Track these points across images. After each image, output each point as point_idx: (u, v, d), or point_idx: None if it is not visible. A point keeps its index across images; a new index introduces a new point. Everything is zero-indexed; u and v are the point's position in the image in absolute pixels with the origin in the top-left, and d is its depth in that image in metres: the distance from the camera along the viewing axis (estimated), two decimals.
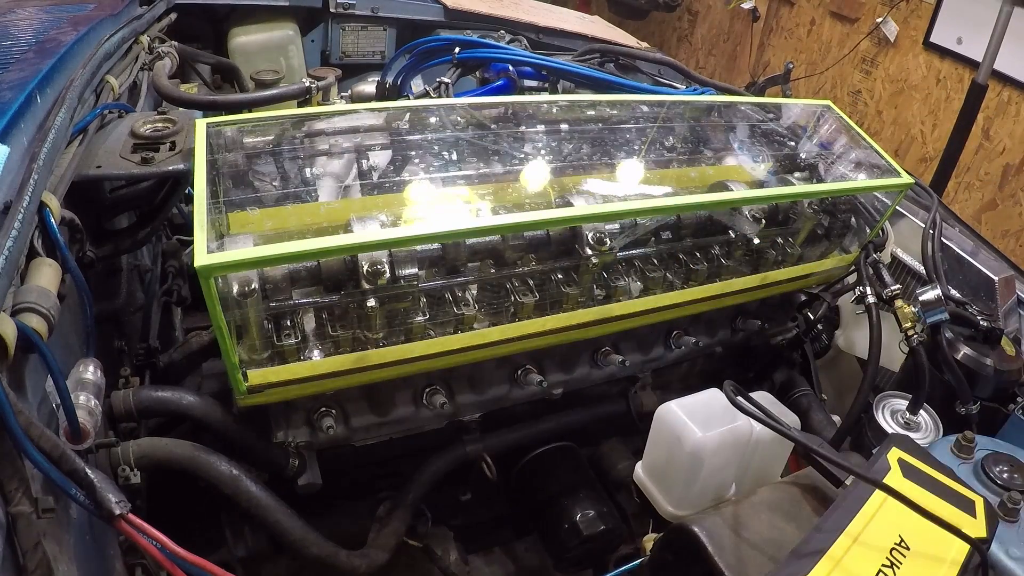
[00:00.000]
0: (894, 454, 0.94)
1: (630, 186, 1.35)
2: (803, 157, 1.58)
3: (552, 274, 1.20)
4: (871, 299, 1.41)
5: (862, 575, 0.77)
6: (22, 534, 0.69)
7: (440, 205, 1.21)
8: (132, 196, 1.25)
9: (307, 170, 1.24)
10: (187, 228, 1.60)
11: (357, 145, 1.28)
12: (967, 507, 0.88)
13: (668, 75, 2.39)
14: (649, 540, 1.17)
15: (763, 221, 1.36)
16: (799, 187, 1.38)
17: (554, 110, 1.52)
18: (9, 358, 0.71)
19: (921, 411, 1.35)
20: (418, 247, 1.05)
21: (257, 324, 0.99)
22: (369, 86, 1.90)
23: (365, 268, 1.00)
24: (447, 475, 1.29)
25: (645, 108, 1.53)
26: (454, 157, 1.33)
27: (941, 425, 1.34)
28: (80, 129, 1.12)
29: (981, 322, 1.39)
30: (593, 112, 1.55)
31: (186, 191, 1.28)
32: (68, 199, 0.98)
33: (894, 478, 0.90)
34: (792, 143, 1.61)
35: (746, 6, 5.33)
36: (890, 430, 1.32)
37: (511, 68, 2.12)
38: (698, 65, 6.06)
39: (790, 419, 1.18)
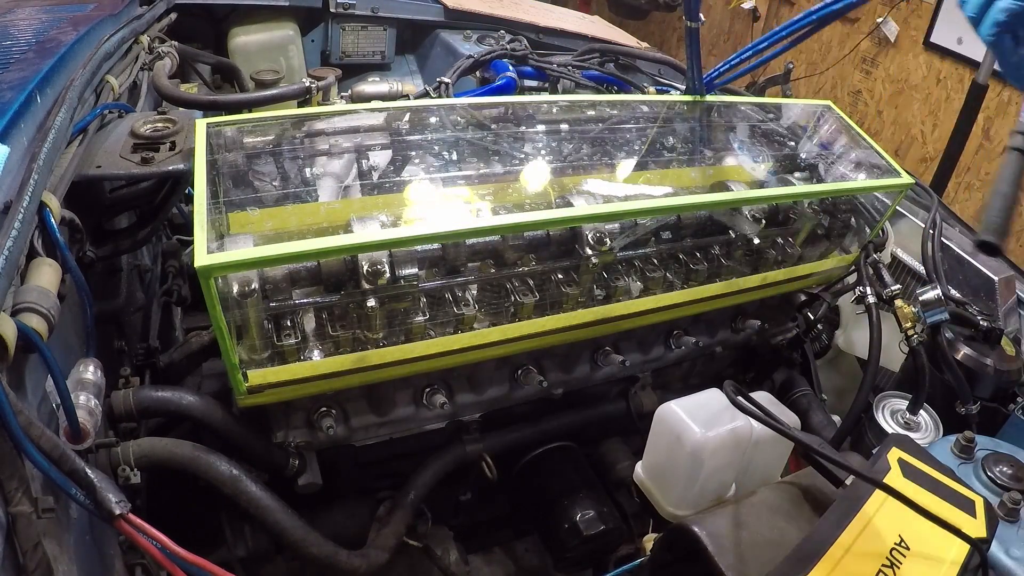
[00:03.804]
0: (894, 454, 0.94)
1: (630, 186, 1.35)
2: (803, 157, 1.58)
3: (552, 274, 1.20)
4: (871, 299, 1.41)
5: (862, 575, 0.77)
6: (22, 534, 0.69)
7: (440, 205, 1.21)
8: (132, 196, 1.25)
9: (307, 170, 1.24)
10: (187, 228, 1.60)
11: (357, 145, 1.28)
12: (967, 507, 0.88)
13: (668, 75, 2.39)
14: (649, 540, 1.17)
15: (763, 221, 1.36)
16: (799, 187, 1.39)
17: (554, 110, 1.52)
18: (9, 358, 0.71)
19: (921, 411, 1.35)
20: (418, 247, 1.05)
21: (257, 324, 0.99)
22: (369, 86, 1.90)
23: (365, 268, 1.00)
24: (447, 475, 1.29)
25: (645, 108, 1.53)
26: (454, 157, 1.33)
27: (941, 425, 1.34)
28: (80, 129, 1.12)
29: (981, 322, 1.39)
30: (593, 112, 1.55)
31: (186, 191, 1.28)
32: (68, 199, 0.98)
33: (894, 478, 0.90)
34: (792, 143, 1.61)
35: (746, 6, 5.34)
36: (890, 430, 1.32)
37: (511, 68, 2.12)
38: None
39: (790, 419, 1.18)
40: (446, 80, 1.89)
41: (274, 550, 1.23)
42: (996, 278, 1.52)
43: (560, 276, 1.20)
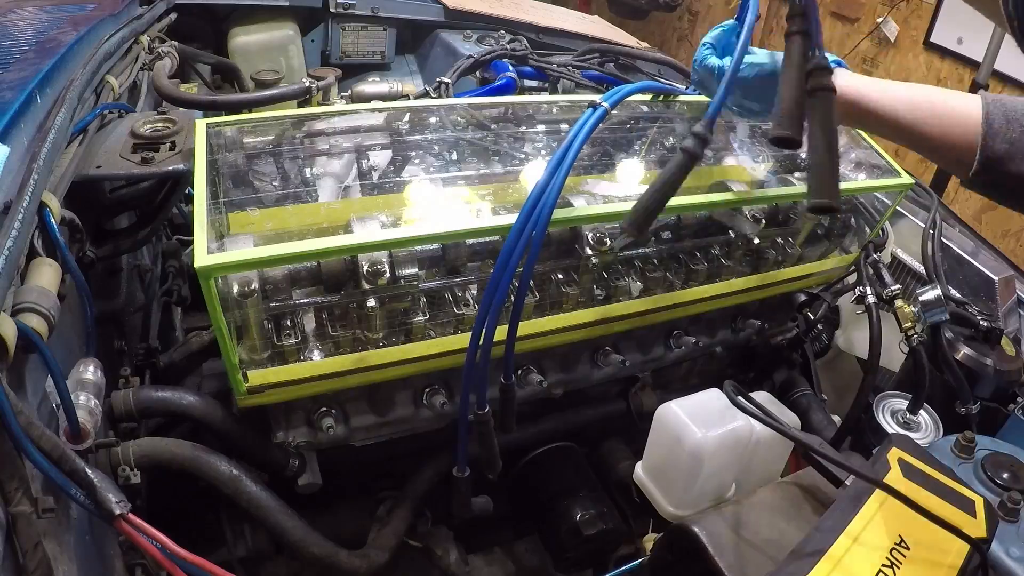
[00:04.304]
0: (894, 454, 0.94)
1: (630, 186, 1.35)
2: (803, 157, 1.58)
3: (552, 274, 1.20)
4: (871, 299, 1.41)
5: (862, 575, 0.77)
6: (22, 534, 0.69)
7: (440, 205, 1.21)
8: (132, 196, 1.25)
9: (307, 170, 1.24)
10: (187, 228, 1.60)
11: (357, 145, 1.28)
12: (967, 507, 0.88)
13: (668, 75, 2.39)
14: (649, 540, 1.17)
15: (763, 221, 1.36)
16: (799, 187, 1.38)
17: (554, 110, 1.52)
18: (9, 358, 0.71)
19: (921, 411, 1.35)
20: (418, 247, 1.05)
21: (257, 324, 0.99)
22: (369, 86, 1.90)
23: (365, 268, 1.00)
24: (447, 475, 1.29)
25: (645, 108, 1.53)
26: (454, 157, 1.33)
27: (941, 425, 1.34)
28: (80, 129, 1.12)
29: (981, 322, 1.39)
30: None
31: (186, 191, 1.28)
32: (68, 199, 0.98)
33: (894, 478, 0.90)
34: None
35: None
36: (890, 430, 1.32)
37: (511, 68, 2.12)
38: None
39: (790, 419, 1.18)
40: (446, 80, 1.89)
41: (274, 550, 1.23)
42: (996, 278, 1.52)
43: (560, 276, 1.20)
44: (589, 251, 1.15)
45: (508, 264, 0.95)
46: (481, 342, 0.98)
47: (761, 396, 1.14)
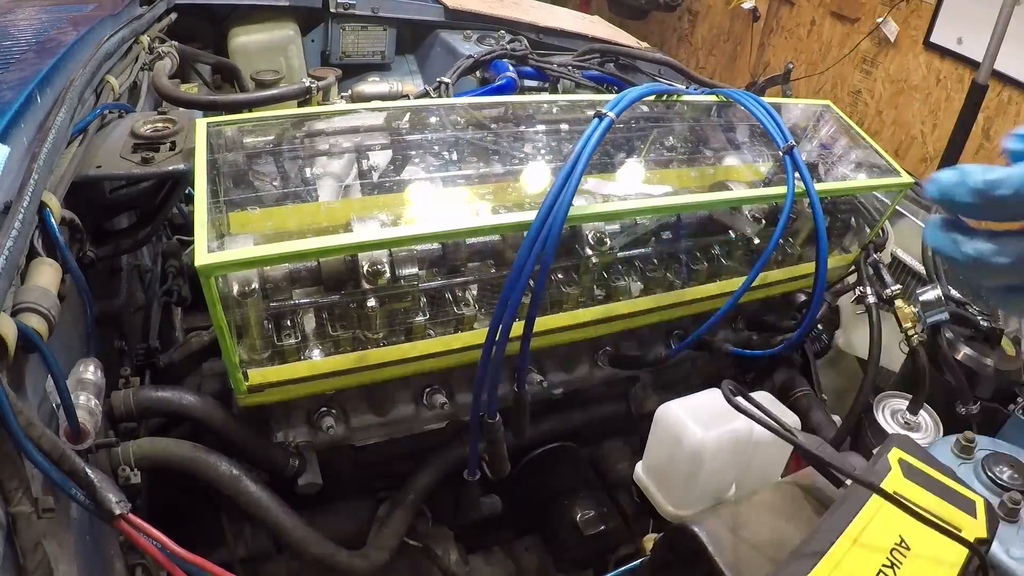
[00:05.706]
0: (895, 454, 0.94)
1: (630, 186, 1.35)
2: (803, 157, 1.57)
3: (552, 274, 1.20)
4: (871, 299, 1.41)
5: (862, 575, 0.77)
6: (22, 534, 0.69)
7: (440, 204, 1.21)
8: (132, 196, 1.25)
9: (307, 170, 1.24)
10: (187, 228, 1.60)
11: (357, 145, 1.28)
12: (967, 507, 0.88)
13: (668, 75, 2.39)
14: (649, 540, 1.17)
15: (763, 221, 1.36)
16: (799, 187, 1.38)
17: (554, 110, 1.52)
18: (9, 358, 0.71)
19: (921, 411, 1.35)
20: (418, 247, 1.05)
21: (257, 324, 0.99)
22: (369, 86, 1.89)
23: (365, 268, 1.00)
24: (447, 475, 1.29)
25: (645, 108, 1.53)
26: (454, 157, 1.33)
27: (941, 425, 1.34)
28: (80, 129, 1.12)
29: (981, 322, 1.39)
30: (593, 112, 1.54)
31: (186, 191, 1.28)
32: (68, 199, 0.98)
33: (895, 478, 0.90)
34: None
35: (746, 6, 5.34)
36: (890, 430, 1.32)
37: (511, 68, 2.12)
38: (698, 65, 6.06)
39: (790, 419, 1.18)
40: (446, 80, 1.89)
41: (274, 550, 1.23)
42: None
43: (560, 276, 1.20)
44: (589, 251, 1.15)
45: (519, 279, 0.96)
46: (492, 354, 0.99)
47: (761, 396, 1.14)
